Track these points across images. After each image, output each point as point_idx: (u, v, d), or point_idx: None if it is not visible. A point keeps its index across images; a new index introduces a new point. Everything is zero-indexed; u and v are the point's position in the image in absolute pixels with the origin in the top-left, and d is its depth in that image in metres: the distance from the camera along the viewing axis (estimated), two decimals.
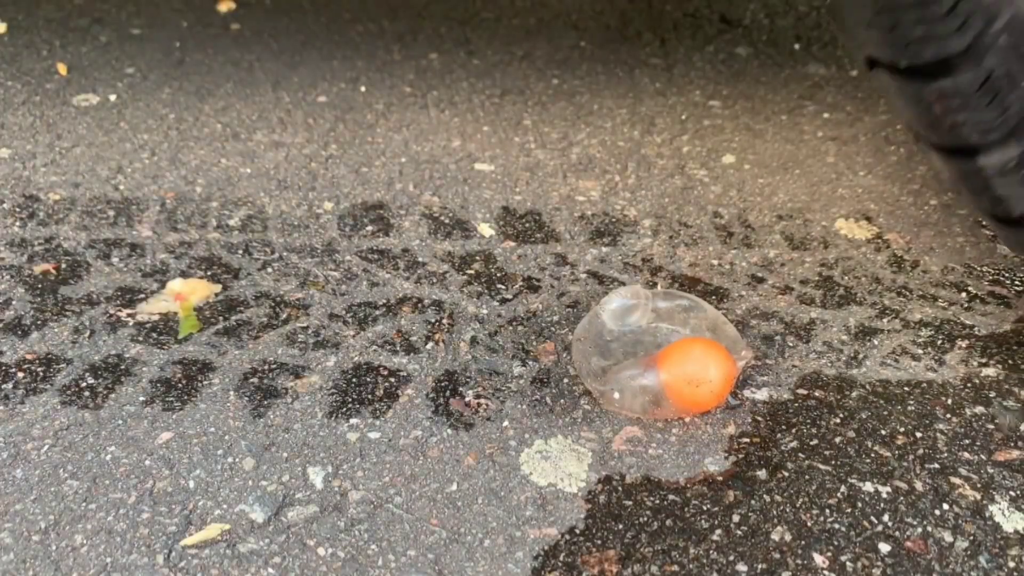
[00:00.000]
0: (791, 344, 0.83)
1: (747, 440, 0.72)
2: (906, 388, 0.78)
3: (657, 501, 0.67)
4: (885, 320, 0.86)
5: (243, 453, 0.71)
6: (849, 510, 0.67)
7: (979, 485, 0.69)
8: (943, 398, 0.77)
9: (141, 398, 0.75)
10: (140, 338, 0.82)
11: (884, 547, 0.64)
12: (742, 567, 0.63)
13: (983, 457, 0.71)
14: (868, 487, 0.68)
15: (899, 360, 0.81)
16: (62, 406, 0.74)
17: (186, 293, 0.88)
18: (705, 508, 0.67)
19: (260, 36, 1.41)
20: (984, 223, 0.93)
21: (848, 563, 0.63)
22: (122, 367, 0.79)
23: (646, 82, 1.30)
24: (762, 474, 0.70)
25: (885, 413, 0.75)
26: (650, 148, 1.15)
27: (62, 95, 1.24)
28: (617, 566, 0.63)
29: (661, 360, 0.72)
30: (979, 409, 0.75)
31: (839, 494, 0.68)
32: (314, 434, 0.73)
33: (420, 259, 0.94)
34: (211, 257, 0.94)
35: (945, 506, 0.67)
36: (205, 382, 0.77)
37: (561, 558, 0.63)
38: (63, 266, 0.91)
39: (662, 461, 0.71)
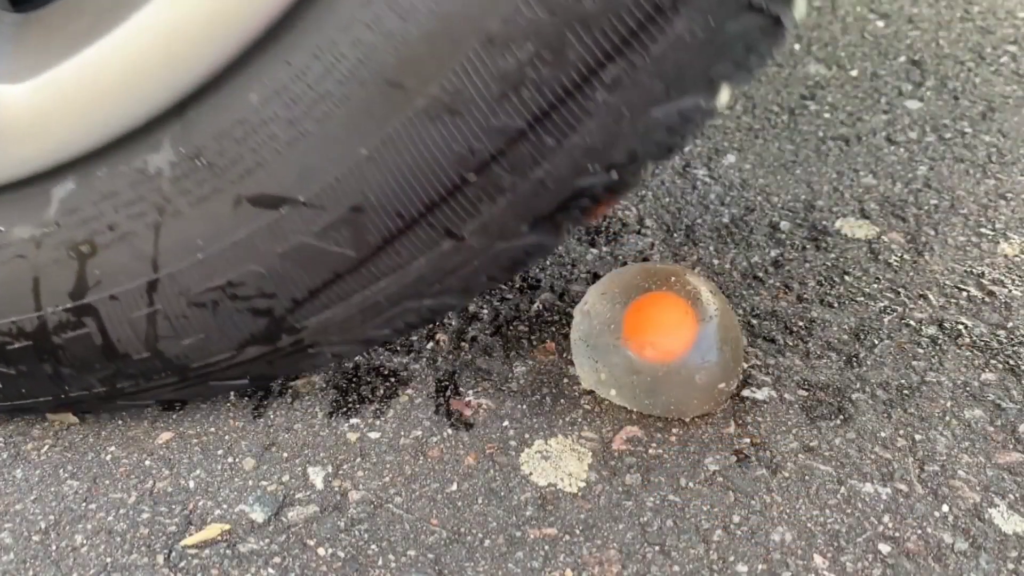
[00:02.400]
0: (791, 344, 0.83)
1: (747, 440, 0.73)
2: (906, 389, 0.78)
3: (657, 501, 0.67)
4: (885, 320, 0.86)
5: (243, 453, 0.71)
6: (849, 511, 0.67)
7: (978, 487, 0.69)
8: (943, 400, 0.77)
9: None
10: None
11: (884, 548, 0.64)
12: (742, 567, 0.63)
13: (982, 459, 0.71)
14: (868, 488, 0.68)
15: (899, 360, 0.81)
16: None
17: None
18: (705, 508, 0.67)
19: None
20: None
21: (848, 564, 0.63)
22: None
23: None
24: (762, 474, 0.70)
25: (885, 414, 0.75)
26: None
27: None
28: (617, 566, 0.63)
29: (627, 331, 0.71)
30: (978, 411, 0.76)
31: (839, 495, 0.68)
32: (314, 434, 0.73)
33: None
34: None
35: (945, 508, 0.67)
36: None
37: (561, 558, 0.63)
38: None
39: (662, 461, 0.71)
